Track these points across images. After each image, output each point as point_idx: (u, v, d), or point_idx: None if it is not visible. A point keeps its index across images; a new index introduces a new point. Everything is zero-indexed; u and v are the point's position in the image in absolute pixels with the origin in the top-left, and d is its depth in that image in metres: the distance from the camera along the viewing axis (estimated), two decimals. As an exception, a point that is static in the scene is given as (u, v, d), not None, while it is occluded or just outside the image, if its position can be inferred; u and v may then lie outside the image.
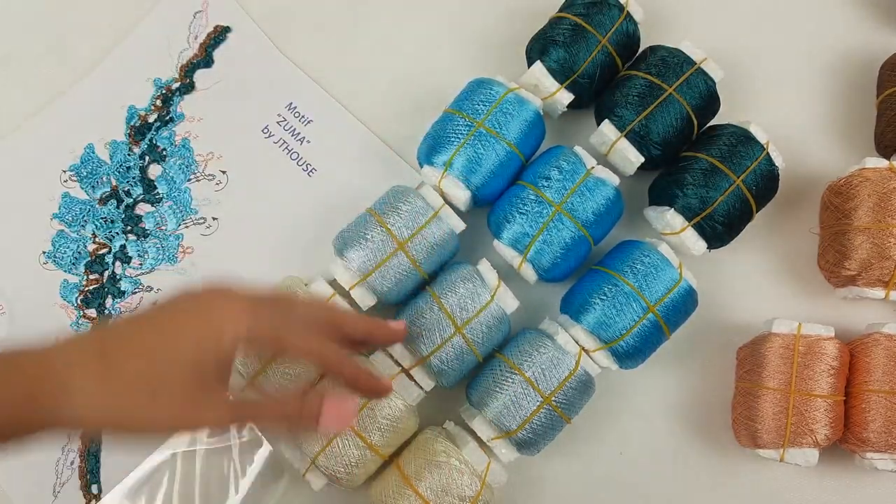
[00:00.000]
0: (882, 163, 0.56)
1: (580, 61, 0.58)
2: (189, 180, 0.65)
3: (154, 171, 0.65)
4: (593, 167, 0.57)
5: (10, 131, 0.66)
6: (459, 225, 0.56)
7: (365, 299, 0.55)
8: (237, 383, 0.55)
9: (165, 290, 0.62)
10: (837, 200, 0.57)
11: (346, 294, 0.56)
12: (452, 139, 0.56)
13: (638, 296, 0.53)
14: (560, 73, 0.59)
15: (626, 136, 0.57)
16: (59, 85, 0.67)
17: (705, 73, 0.58)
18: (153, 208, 0.64)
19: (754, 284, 0.61)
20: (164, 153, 0.65)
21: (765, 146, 0.57)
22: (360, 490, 0.56)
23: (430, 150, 0.57)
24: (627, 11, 0.60)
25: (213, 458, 0.55)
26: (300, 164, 0.65)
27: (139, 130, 0.66)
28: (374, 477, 0.55)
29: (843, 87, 0.65)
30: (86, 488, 0.59)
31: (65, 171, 0.65)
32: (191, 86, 0.67)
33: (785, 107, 0.65)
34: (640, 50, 0.61)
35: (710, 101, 0.59)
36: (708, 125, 0.60)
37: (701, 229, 0.56)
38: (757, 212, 0.58)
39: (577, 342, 0.54)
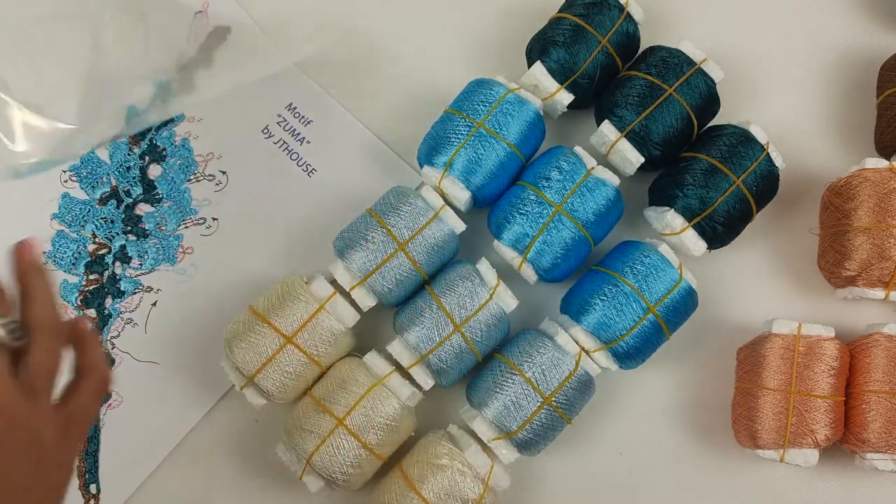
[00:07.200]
0: (882, 163, 0.56)
1: (580, 62, 0.58)
2: (189, 180, 0.65)
3: (154, 171, 0.65)
4: (593, 167, 0.57)
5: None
6: (460, 225, 0.57)
7: (365, 300, 0.56)
8: (238, 381, 0.55)
9: (165, 290, 0.62)
10: (837, 201, 0.57)
11: (346, 294, 0.56)
12: (452, 139, 0.56)
13: (638, 296, 0.53)
14: (560, 74, 0.59)
15: (626, 136, 0.57)
16: (58, 85, 0.67)
17: (705, 74, 0.58)
18: (153, 208, 0.64)
19: (754, 284, 0.61)
20: (164, 153, 0.65)
21: (765, 146, 0.57)
22: (360, 495, 0.56)
23: (431, 150, 0.57)
24: (627, 12, 0.60)
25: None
26: (300, 164, 0.65)
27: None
28: (374, 481, 0.55)
29: (843, 87, 0.65)
30: (84, 488, 0.59)
31: (65, 171, 0.65)
32: (191, 86, 0.67)
33: (785, 107, 0.65)
34: (641, 50, 0.61)
35: (710, 101, 0.59)
36: (708, 125, 0.60)
37: (701, 230, 0.56)
38: (757, 212, 0.58)
39: (577, 342, 0.54)
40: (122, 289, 0.62)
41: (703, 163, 0.56)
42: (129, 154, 0.66)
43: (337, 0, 0.69)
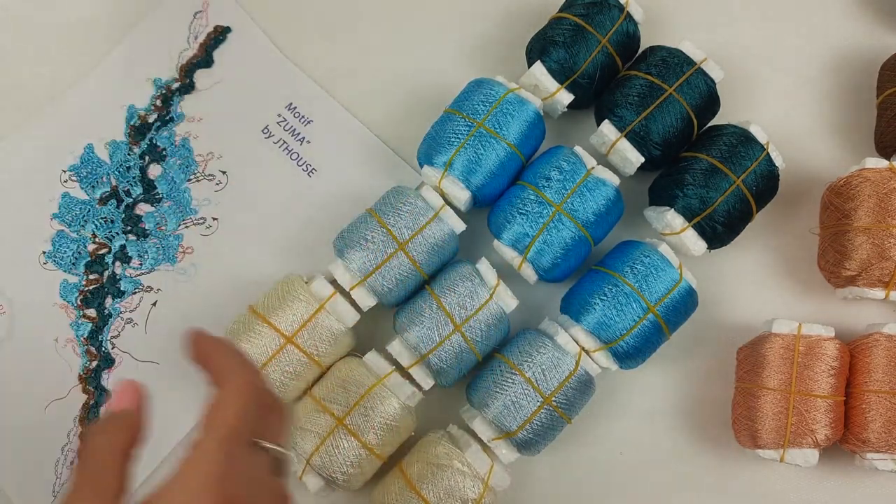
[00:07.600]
0: (882, 163, 0.56)
1: (580, 61, 0.58)
2: (189, 180, 0.65)
3: (154, 171, 0.65)
4: (593, 167, 0.57)
5: (10, 131, 0.66)
6: (460, 225, 0.57)
7: (365, 300, 0.56)
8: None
9: (165, 290, 0.62)
10: (837, 201, 0.57)
11: (346, 294, 0.56)
12: (452, 139, 0.56)
13: (638, 296, 0.53)
14: (560, 74, 0.59)
15: (626, 136, 0.57)
16: (58, 85, 0.67)
17: (705, 74, 0.58)
18: (153, 208, 0.64)
19: (754, 284, 0.61)
20: (164, 153, 0.65)
21: (765, 146, 0.57)
22: (360, 495, 0.56)
23: (430, 150, 0.57)
24: (627, 11, 0.60)
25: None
26: (300, 164, 0.65)
27: (139, 130, 0.66)
28: (374, 481, 0.55)
29: (843, 87, 0.65)
30: (86, 488, 0.59)
31: (65, 171, 0.65)
32: (191, 86, 0.67)
33: (785, 107, 0.65)
34: (641, 50, 0.61)
35: (710, 101, 0.59)
36: (708, 125, 0.60)
37: (701, 229, 0.56)
38: (757, 212, 0.58)
39: (577, 342, 0.54)
40: (122, 289, 0.62)
41: (703, 163, 0.56)
42: (129, 154, 0.65)
43: (336, 0, 0.69)
